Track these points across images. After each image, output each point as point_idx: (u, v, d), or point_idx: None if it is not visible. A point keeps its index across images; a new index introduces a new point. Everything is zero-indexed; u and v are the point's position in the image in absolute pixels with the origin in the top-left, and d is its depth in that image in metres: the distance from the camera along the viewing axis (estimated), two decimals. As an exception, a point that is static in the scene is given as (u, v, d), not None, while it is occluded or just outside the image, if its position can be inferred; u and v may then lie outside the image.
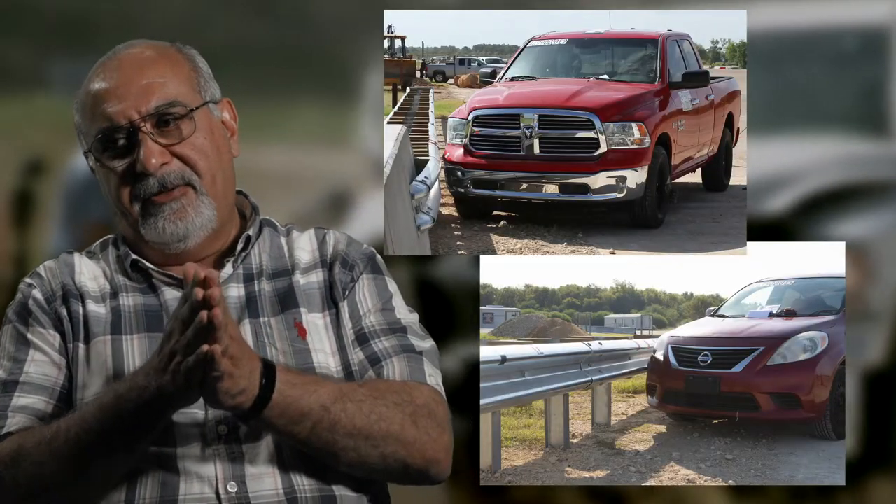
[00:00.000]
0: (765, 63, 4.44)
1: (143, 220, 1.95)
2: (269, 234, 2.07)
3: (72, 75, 4.20)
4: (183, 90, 1.97)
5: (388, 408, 1.90)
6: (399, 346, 2.00)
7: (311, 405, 1.83)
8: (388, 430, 1.88)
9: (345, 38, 4.39)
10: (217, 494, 1.86)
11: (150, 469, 1.87)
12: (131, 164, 1.93)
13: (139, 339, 1.94)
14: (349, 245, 2.08)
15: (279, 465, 1.90)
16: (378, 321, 2.02)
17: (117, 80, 1.95)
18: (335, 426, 1.85)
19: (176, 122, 1.95)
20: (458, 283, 4.45)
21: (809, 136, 4.39)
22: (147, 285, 1.99)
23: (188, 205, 1.95)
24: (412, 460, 1.92)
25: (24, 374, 1.92)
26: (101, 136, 1.94)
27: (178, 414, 1.86)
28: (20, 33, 4.28)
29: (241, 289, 1.99)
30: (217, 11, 4.26)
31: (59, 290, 1.98)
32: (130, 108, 1.93)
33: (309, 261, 2.05)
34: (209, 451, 1.88)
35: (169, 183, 1.94)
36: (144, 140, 1.92)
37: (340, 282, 2.03)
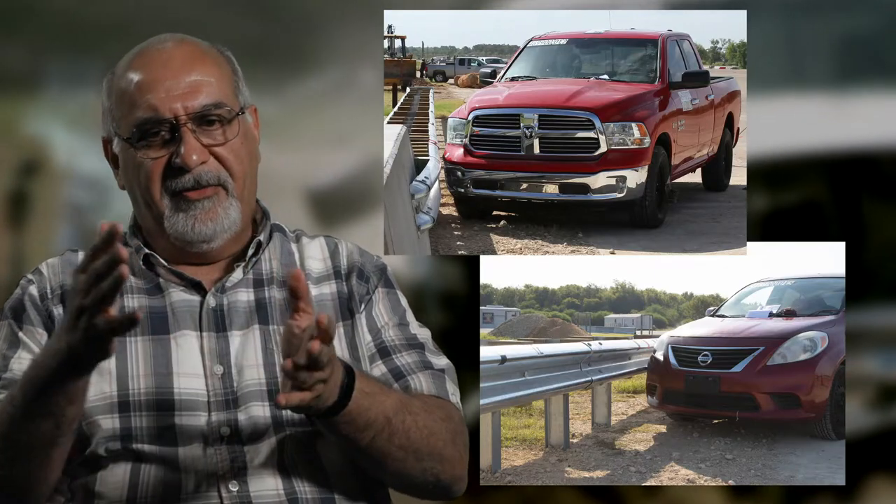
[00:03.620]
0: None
1: (171, 214, 1.94)
2: (279, 240, 2.07)
3: (69, 76, 4.21)
4: (226, 92, 1.97)
5: (436, 423, 1.92)
6: (420, 362, 2.01)
7: (378, 415, 1.83)
8: (434, 445, 1.91)
9: (345, 38, 4.39)
10: (219, 493, 1.86)
11: (152, 468, 1.87)
12: (168, 158, 1.93)
13: (143, 342, 1.93)
14: (363, 256, 2.08)
15: (280, 467, 1.90)
16: (397, 336, 2.03)
17: (166, 72, 1.94)
18: (392, 437, 1.86)
19: (219, 123, 1.95)
20: (458, 283, 4.45)
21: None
22: (154, 286, 1.98)
23: (218, 205, 1.95)
24: (444, 476, 1.94)
25: (8, 371, 1.92)
26: (142, 125, 1.93)
27: (181, 415, 1.86)
28: (17, 34, 4.28)
29: (250, 294, 1.98)
30: (216, 11, 4.25)
31: (57, 288, 1.97)
32: (177, 103, 1.92)
33: (321, 270, 2.04)
34: (211, 452, 1.87)
35: (204, 181, 1.93)
36: (187, 136, 1.92)
37: (357, 293, 2.03)
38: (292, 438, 1.91)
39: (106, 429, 1.88)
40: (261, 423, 1.89)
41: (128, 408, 1.89)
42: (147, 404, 1.89)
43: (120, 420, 1.88)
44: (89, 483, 1.90)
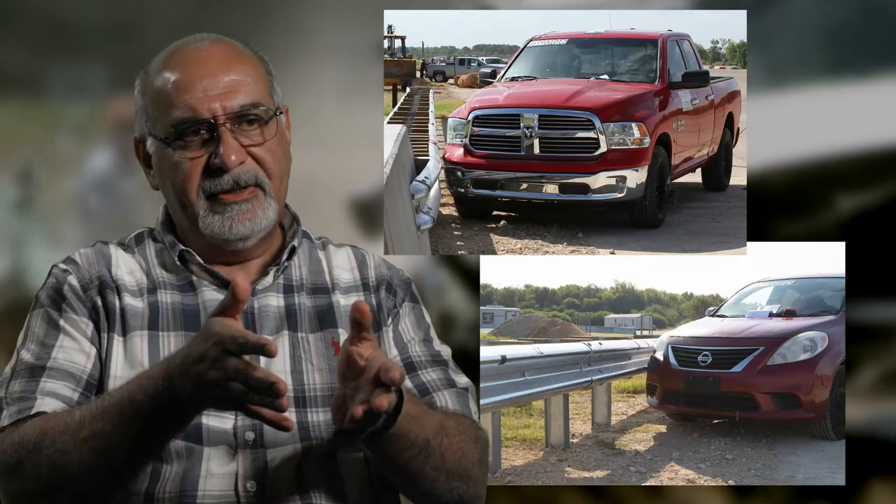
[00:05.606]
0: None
1: (207, 215, 1.93)
2: (307, 246, 2.07)
3: (69, 80, 4.21)
4: (262, 92, 1.97)
5: (468, 444, 1.92)
6: (445, 379, 2.02)
7: (419, 438, 1.83)
8: (465, 466, 1.91)
9: (345, 38, 4.39)
10: (236, 491, 1.87)
11: (174, 464, 1.87)
12: (206, 158, 1.92)
13: (176, 337, 1.92)
14: (390, 269, 2.09)
15: (298, 474, 1.89)
16: (423, 352, 2.03)
17: (204, 71, 1.93)
18: (428, 459, 1.86)
19: (257, 123, 1.94)
20: (458, 283, 4.45)
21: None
22: (187, 283, 1.98)
23: (257, 206, 1.94)
24: (467, 496, 1.94)
25: (51, 360, 1.89)
26: (179, 125, 1.92)
27: (209, 416, 1.86)
28: (17, 38, 4.28)
29: (280, 299, 1.98)
30: (215, 13, 4.26)
31: (95, 279, 1.96)
32: (215, 103, 1.91)
33: (349, 281, 2.05)
34: (233, 453, 1.88)
35: (243, 181, 1.93)
36: (226, 136, 1.91)
37: (385, 307, 2.03)
38: (315, 448, 1.91)
39: None
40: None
41: None
42: None
43: None
44: None
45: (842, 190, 4.38)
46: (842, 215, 4.37)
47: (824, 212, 4.38)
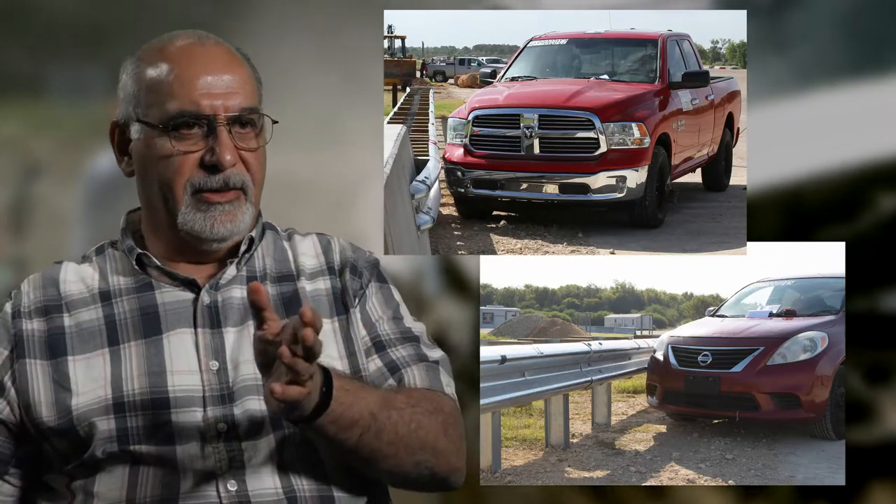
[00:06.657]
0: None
1: (189, 210, 1.95)
2: (271, 238, 2.08)
3: (71, 81, 4.21)
4: (255, 98, 2.00)
5: (424, 416, 1.93)
6: (415, 354, 2.03)
7: (362, 412, 1.84)
8: (424, 438, 1.92)
9: (345, 38, 4.39)
10: (217, 492, 1.87)
11: (150, 469, 1.88)
12: (199, 154, 1.94)
13: (136, 346, 1.94)
14: (355, 252, 2.10)
15: (279, 465, 1.90)
16: (391, 329, 2.04)
17: (208, 69, 1.95)
18: (380, 434, 1.87)
19: (251, 127, 1.97)
20: (458, 283, 4.45)
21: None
22: (144, 285, 1.99)
23: (238, 210, 1.96)
24: (439, 468, 1.95)
25: None
26: (178, 117, 1.93)
27: (176, 412, 1.87)
28: (17, 38, 4.28)
29: (244, 291, 1.98)
30: (214, 14, 4.25)
31: (35, 303, 1.98)
32: (218, 101, 1.93)
33: (314, 266, 2.06)
34: (209, 449, 1.88)
35: (231, 183, 1.95)
36: (224, 135, 1.93)
37: (351, 288, 2.04)
38: (290, 436, 1.91)
39: (102, 430, 1.88)
40: (257, 417, 1.90)
41: (123, 409, 1.89)
42: (142, 404, 1.89)
43: (115, 421, 1.89)
44: (88, 484, 1.90)
45: (843, 190, 4.38)
46: (842, 215, 4.37)
47: (825, 212, 4.38)
